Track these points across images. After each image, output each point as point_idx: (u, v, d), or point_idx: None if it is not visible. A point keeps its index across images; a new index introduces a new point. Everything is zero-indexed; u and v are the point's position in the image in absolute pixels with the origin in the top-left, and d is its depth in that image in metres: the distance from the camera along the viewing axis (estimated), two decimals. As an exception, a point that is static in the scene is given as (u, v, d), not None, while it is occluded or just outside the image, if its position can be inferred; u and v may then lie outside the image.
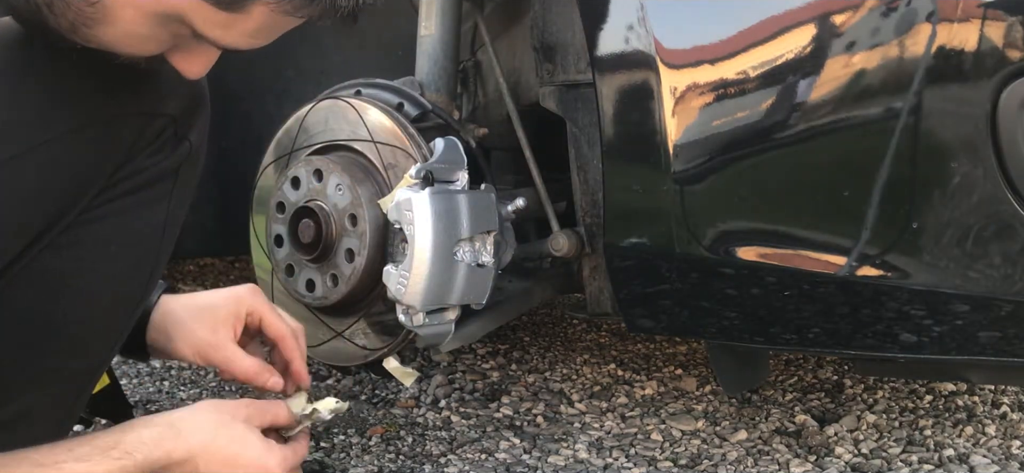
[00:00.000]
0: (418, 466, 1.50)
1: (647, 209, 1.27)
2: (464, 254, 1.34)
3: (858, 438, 1.61)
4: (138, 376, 1.97)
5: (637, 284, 1.33)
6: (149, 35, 0.88)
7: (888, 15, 1.09)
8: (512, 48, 1.64)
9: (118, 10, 0.84)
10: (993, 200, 1.08)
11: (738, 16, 1.17)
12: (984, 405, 1.77)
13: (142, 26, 0.86)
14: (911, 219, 1.12)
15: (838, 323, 1.25)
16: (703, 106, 1.19)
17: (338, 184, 1.39)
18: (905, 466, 1.51)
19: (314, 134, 1.47)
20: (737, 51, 1.17)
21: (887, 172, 1.11)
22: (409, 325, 1.36)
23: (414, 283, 1.31)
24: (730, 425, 1.67)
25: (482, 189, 1.38)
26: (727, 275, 1.25)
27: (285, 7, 0.84)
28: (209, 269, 2.90)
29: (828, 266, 1.18)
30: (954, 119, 1.08)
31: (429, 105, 1.46)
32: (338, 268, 1.41)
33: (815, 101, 1.14)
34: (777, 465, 1.51)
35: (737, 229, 1.23)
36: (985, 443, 1.60)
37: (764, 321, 1.30)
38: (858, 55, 1.11)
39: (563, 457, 1.54)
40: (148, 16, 0.85)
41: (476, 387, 1.87)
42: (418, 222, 1.29)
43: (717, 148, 1.20)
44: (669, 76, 1.20)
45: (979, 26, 1.05)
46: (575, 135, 1.41)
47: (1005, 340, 1.17)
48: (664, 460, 1.54)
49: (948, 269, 1.12)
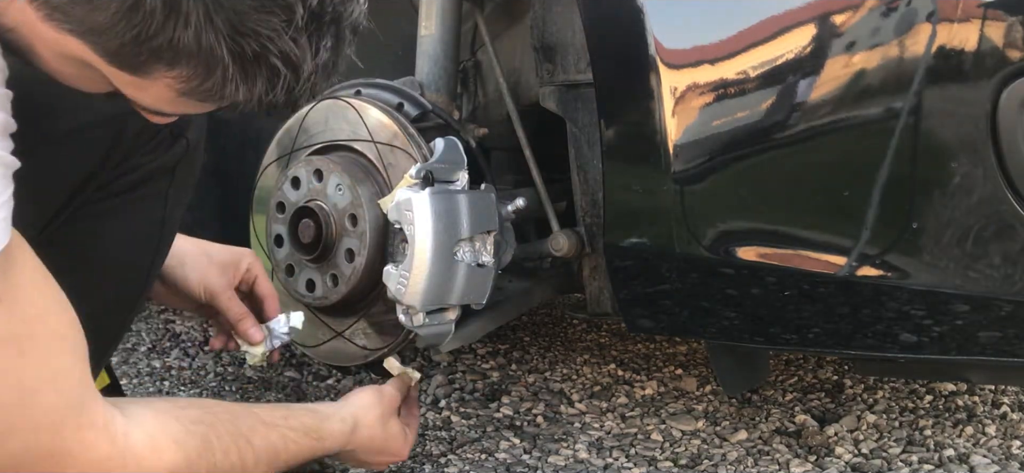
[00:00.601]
0: (418, 466, 1.50)
1: (647, 209, 1.27)
2: (464, 254, 1.34)
3: (858, 438, 1.61)
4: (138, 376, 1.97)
5: (637, 284, 1.33)
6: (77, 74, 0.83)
7: (888, 15, 1.09)
8: (512, 48, 1.64)
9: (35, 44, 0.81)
10: (993, 200, 1.07)
11: (738, 16, 1.17)
12: (984, 405, 1.77)
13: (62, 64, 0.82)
14: (911, 219, 1.12)
15: (838, 323, 1.25)
16: (703, 106, 1.19)
17: (338, 184, 1.39)
18: (905, 466, 1.51)
19: (314, 134, 1.47)
20: (737, 51, 1.17)
21: (887, 172, 1.11)
22: (409, 325, 1.36)
23: (414, 283, 1.31)
24: (730, 425, 1.67)
25: (482, 189, 1.38)
26: (727, 275, 1.25)
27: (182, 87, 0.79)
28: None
29: (828, 266, 1.18)
30: (954, 119, 1.08)
31: (429, 105, 1.46)
32: (338, 268, 1.41)
33: (815, 101, 1.14)
34: (777, 465, 1.51)
35: (737, 229, 1.23)
36: (985, 443, 1.60)
37: (764, 321, 1.30)
38: (858, 55, 1.11)
39: (563, 457, 1.54)
40: (61, 57, 0.81)
41: (476, 387, 1.87)
42: (418, 222, 1.29)
43: (717, 148, 1.20)
44: (669, 76, 1.20)
45: (979, 26, 1.05)
46: (575, 135, 1.41)
47: (1005, 340, 1.17)
48: (664, 460, 1.54)
49: (948, 269, 1.12)
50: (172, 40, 0.74)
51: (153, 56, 0.76)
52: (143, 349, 2.19)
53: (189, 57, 0.76)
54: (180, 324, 2.39)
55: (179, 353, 2.17)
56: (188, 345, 2.24)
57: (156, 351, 2.19)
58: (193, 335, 2.31)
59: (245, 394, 1.90)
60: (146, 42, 0.75)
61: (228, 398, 1.87)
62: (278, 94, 0.80)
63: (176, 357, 2.15)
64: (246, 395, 1.89)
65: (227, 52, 0.76)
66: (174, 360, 2.12)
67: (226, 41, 0.75)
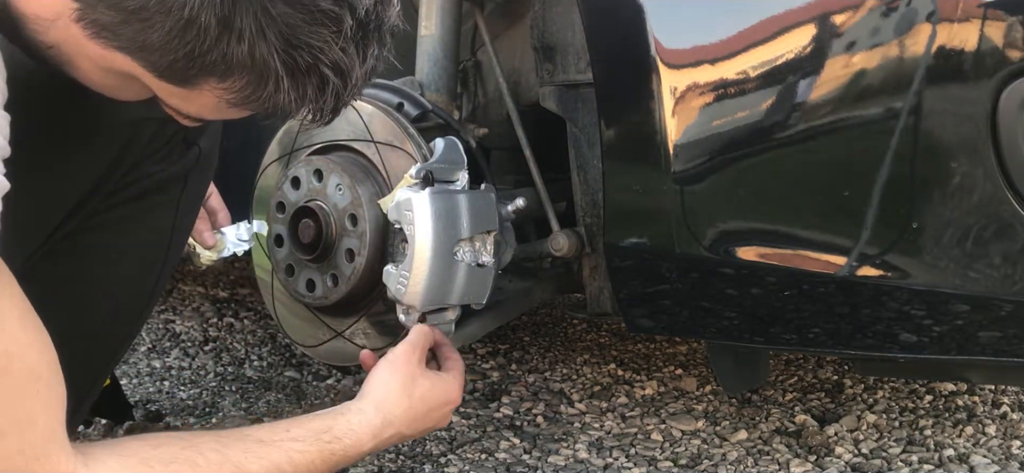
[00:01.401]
0: (418, 466, 1.50)
1: (647, 209, 1.27)
2: (464, 254, 1.34)
3: (858, 438, 1.61)
4: (138, 376, 1.98)
5: (637, 284, 1.33)
6: (117, 85, 0.84)
7: (888, 15, 1.09)
8: (512, 48, 1.64)
9: (75, 59, 0.81)
10: (993, 200, 1.07)
11: (738, 16, 1.17)
12: (984, 405, 1.77)
13: (103, 77, 0.83)
14: (911, 219, 1.12)
15: (838, 323, 1.25)
16: (703, 106, 1.19)
17: (338, 184, 1.39)
18: (905, 466, 1.51)
19: (314, 134, 1.47)
20: (737, 51, 1.17)
21: (887, 172, 1.11)
22: (409, 325, 1.36)
23: (414, 283, 1.30)
24: (730, 425, 1.67)
25: (482, 189, 1.38)
26: (727, 275, 1.25)
27: (231, 98, 0.80)
28: (209, 268, 2.90)
29: (828, 266, 1.18)
30: (954, 119, 1.08)
31: (429, 105, 1.46)
32: (338, 268, 1.41)
33: (815, 101, 1.14)
34: (777, 465, 1.51)
35: (737, 229, 1.23)
36: (985, 443, 1.60)
37: (764, 321, 1.30)
38: (858, 55, 1.11)
39: (563, 457, 1.54)
40: (103, 70, 0.81)
41: (476, 387, 1.87)
42: (418, 222, 1.29)
43: (717, 148, 1.20)
44: (669, 76, 1.20)
45: (979, 26, 1.05)
46: (575, 135, 1.41)
47: (1005, 340, 1.17)
48: (664, 460, 1.54)
49: (948, 269, 1.12)
50: (225, 55, 0.75)
51: (205, 71, 0.77)
52: (143, 349, 2.19)
53: (242, 70, 0.77)
54: (180, 324, 2.39)
55: (179, 353, 2.17)
56: (188, 345, 2.24)
57: (156, 351, 2.19)
58: (193, 335, 2.31)
59: (245, 394, 1.90)
60: (199, 58, 0.75)
61: (228, 398, 1.87)
62: (327, 101, 0.81)
63: (176, 357, 2.15)
64: (246, 395, 1.90)
65: (280, 64, 0.76)
66: (174, 360, 2.12)
67: (278, 54, 0.76)
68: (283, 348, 2.05)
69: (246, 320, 2.35)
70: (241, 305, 2.50)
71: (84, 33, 0.77)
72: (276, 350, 2.18)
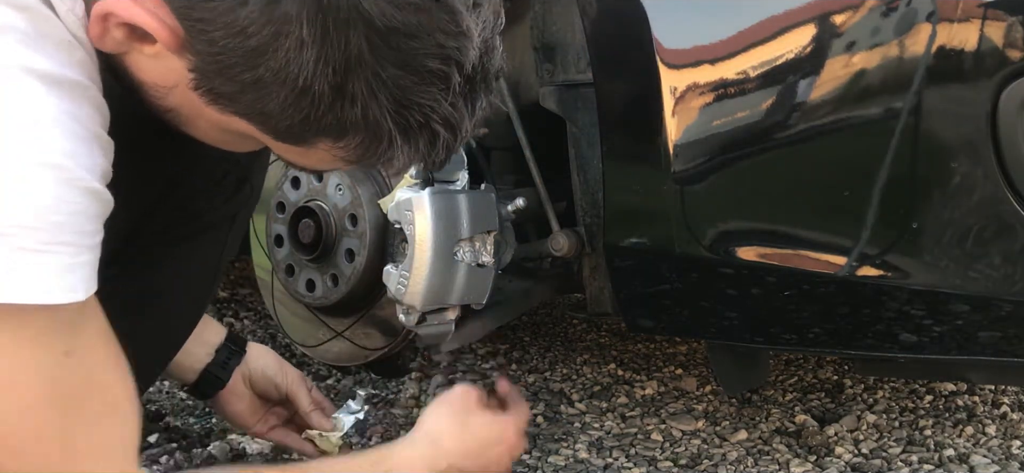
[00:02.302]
0: (418, 466, 1.50)
1: (647, 209, 1.27)
2: (464, 254, 1.34)
3: (858, 438, 1.61)
4: (138, 376, 1.97)
5: (637, 284, 1.33)
6: (234, 141, 0.87)
7: (888, 15, 1.09)
8: (512, 48, 1.63)
9: (193, 119, 0.84)
10: (993, 200, 1.07)
11: (738, 16, 1.17)
12: (984, 405, 1.77)
13: (221, 135, 0.85)
14: (911, 219, 1.12)
15: (838, 323, 1.25)
16: (703, 106, 1.19)
17: (338, 184, 1.39)
18: (905, 466, 1.51)
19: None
20: (737, 51, 1.17)
21: (887, 172, 1.11)
22: (409, 325, 1.36)
23: (414, 283, 1.31)
24: (730, 425, 1.67)
25: (482, 189, 1.38)
26: (727, 275, 1.25)
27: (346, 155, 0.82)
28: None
29: (828, 266, 1.18)
30: (954, 119, 1.08)
31: (429, 105, 1.46)
32: (338, 268, 1.41)
33: (815, 101, 1.14)
34: (777, 465, 1.51)
35: (737, 229, 1.23)
36: (985, 443, 1.60)
37: (764, 321, 1.30)
38: (858, 55, 1.11)
39: (563, 457, 1.54)
40: (221, 130, 0.84)
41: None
42: (418, 222, 1.29)
43: (717, 148, 1.20)
44: (669, 76, 1.20)
45: (979, 26, 1.05)
46: (575, 135, 1.41)
47: (1005, 340, 1.17)
48: (664, 460, 1.54)
49: (948, 269, 1.12)
50: (339, 118, 0.77)
51: (320, 132, 0.79)
52: (143, 349, 2.18)
53: (356, 131, 0.79)
54: (180, 324, 2.38)
55: (179, 353, 2.17)
56: (188, 345, 2.24)
57: (156, 351, 2.18)
58: (193, 335, 2.31)
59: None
60: (314, 122, 0.77)
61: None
62: (439, 153, 0.83)
63: (176, 357, 2.14)
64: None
65: (392, 124, 0.78)
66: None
67: (391, 114, 0.78)
68: (283, 348, 2.04)
69: (246, 320, 2.35)
70: (241, 305, 2.49)
71: (203, 100, 0.79)
72: (276, 350, 2.17)
